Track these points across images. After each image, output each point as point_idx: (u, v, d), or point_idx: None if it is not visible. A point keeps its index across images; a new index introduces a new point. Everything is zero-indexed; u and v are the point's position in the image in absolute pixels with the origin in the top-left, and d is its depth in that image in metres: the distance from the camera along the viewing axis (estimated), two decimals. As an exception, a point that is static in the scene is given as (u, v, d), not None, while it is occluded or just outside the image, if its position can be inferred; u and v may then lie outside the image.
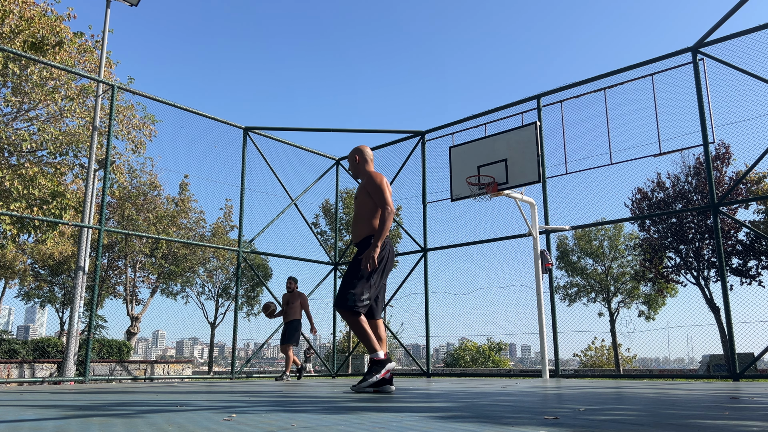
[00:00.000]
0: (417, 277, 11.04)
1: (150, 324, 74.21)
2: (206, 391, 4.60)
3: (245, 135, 11.18)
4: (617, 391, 4.33)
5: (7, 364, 13.43)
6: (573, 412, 2.38)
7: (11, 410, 2.58)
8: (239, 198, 10.86)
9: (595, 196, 9.80)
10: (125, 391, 4.62)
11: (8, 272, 22.12)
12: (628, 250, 23.06)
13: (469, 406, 2.72)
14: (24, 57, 8.59)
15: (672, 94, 8.47)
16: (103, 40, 10.47)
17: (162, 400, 3.26)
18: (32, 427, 1.86)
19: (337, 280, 12.59)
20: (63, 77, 11.65)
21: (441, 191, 10.72)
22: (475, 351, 31.39)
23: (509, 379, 10.62)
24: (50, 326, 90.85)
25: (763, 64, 7.64)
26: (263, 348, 12.36)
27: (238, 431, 1.71)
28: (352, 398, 3.47)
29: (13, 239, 10.89)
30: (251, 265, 14.97)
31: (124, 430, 1.76)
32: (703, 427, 1.77)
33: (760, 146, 7.71)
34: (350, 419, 2.07)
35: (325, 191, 14.35)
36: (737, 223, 16.96)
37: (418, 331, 22.45)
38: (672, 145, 8.34)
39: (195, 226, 23.11)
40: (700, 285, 19.07)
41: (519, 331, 31.71)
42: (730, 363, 7.67)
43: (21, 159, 11.65)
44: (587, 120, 9.19)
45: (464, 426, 1.84)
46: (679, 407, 2.63)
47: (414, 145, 11.52)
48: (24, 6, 11.22)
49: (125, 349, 17.09)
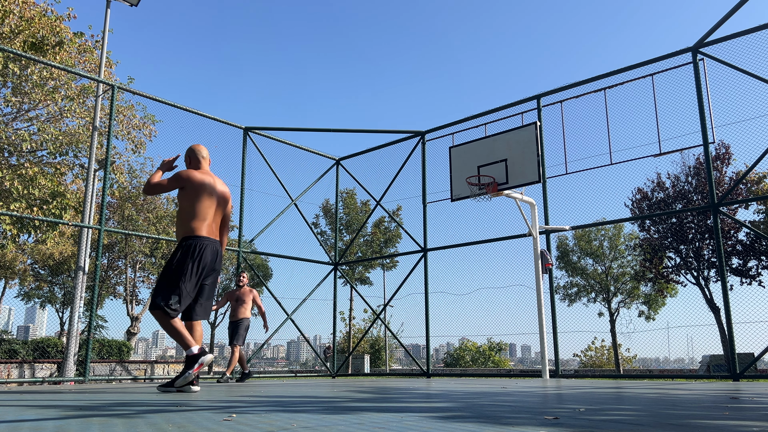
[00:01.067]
0: (417, 277, 11.06)
1: (150, 324, 74.25)
2: (206, 391, 4.60)
3: (245, 135, 11.18)
4: (617, 391, 4.33)
5: (7, 364, 13.43)
6: (573, 412, 2.38)
7: (11, 410, 2.58)
8: (239, 198, 10.86)
9: (595, 196, 9.81)
10: (125, 391, 4.61)
11: (8, 272, 22.13)
12: (628, 250, 23.04)
13: (469, 406, 2.72)
14: (24, 57, 8.60)
15: (672, 94, 8.48)
16: (103, 40, 10.47)
17: (162, 400, 3.26)
18: (32, 427, 1.86)
19: (338, 280, 12.60)
20: (63, 77, 11.65)
21: (441, 191, 10.73)
22: (475, 351, 31.39)
23: (509, 379, 10.62)
24: (50, 326, 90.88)
25: (763, 64, 7.64)
26: (263, 348, 12.36)
27: (238, 431, 1.71)
28: (352, 398, 3.47)
29: (13, 239, 10.89)
30: (251, 265, 14.97)
31: (124, 430, 1.76)
32: (703, 427, 1.77)
33: (760, 146, 7.71)
34: (350, 419, 2.07)
35: (325, 191, 14.37)
36: (737, 223, 16.96)
37: (418, 331, 22.44)
38: (672, 145, 8.34)
39: (195, 226, 23.07)
40: (700, 285, 19.06)
41: (519, 331, 31.69)
42: (730, 363, 7.67)
43: (21, 159, 11.65)
44: (587, 120, 9.20)
45: (464, 426, 1.84)
46: (679, 407, 2.63)
47: (414, 145, 11.52)
48: (24, 6, 11.22)
49: (125, 349, 17.10)
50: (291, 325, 11.49)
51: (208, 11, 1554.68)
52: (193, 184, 4.43)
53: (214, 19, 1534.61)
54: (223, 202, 4.62)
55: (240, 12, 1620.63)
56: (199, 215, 4.40)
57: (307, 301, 11.76)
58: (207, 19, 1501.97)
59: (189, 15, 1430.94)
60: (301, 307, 11.62)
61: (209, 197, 4.47)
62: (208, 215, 4.44)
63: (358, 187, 12.97)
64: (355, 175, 12.56)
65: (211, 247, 4.42)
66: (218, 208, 4.56)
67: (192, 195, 4.42)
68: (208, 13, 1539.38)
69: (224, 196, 4.64)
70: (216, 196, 4.53)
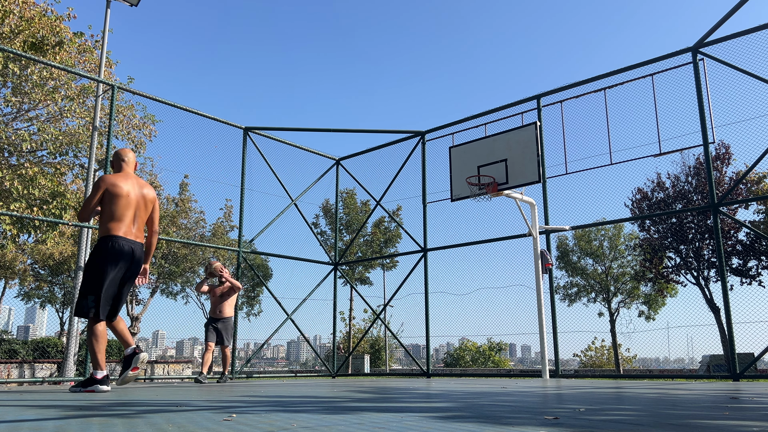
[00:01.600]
0: (417, 277, 11.05)
1: (150, 324, 74.06)
2: (206, 391, 4.60)
3: (245, 135, 11.18)
4: (617, 391, 4.33)
5: (7, 364, 13.43)
6: (573, 412, 2.38)
7: (11, 410, 2.58)
8: (239, 198, 10.86)
9: (595, 196, 9.79)
10: (125, 391, 4.62)
11: (8, 272, 22.11)
12: (628, 250, 23.04)
13: (469, 406, 2.72)
14: (24, 57, 8.60)
15: (672, 94, 8.48)
16: (103, 40, 10.46)
17: (162, 400, 3.26)
18: (32, 427, 1.86)
19: (338, 280, 12.60)
20: (63, 77, 11.64)
21: (441, 191, 10.72)
22: (475, 351, 31.38)
23: (509, 379, 10.62)
24: (50, 326, 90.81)
25: (763, 64, 7.64)
26: (263, 348, 12.36)
27: (238, 431, 1.71)
28: (352, 398, 3.47)
29: (13, 239, 10.89)
30: (251, 265, 14.97)
31: (124, 430, 1.76)
32: (703, 427, 1.77)
33: (760, 146, 7.71)
34: (350, 419, 2.07)
35: (325, 191, 14.37)
36: (737, 223, 16.96)
37: (418, 331, 22.42)
38: (672, 145, 8.34)
39: (195, 226, 23.08)
40: (700, 285, 19.05)
41: (519, 331, 31.67)
42: (730, 363, 7.67)
43: (21, 159, 11.64)
44: (587, 120, 9.20)
45: (464, 426, 1.84)
46: (679, 407, 2.63)
47: (414, 146, 11.52)
48: (24, 6, 11.22)
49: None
50: (291, 325, 11.47)
51: (208, 11, 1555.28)
52: (111, 188, 4.57)
53: (214, 19, 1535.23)
54: (145, 204, 4.74)
55: (240, 12, 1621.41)
56: (115, 216, 4.53)
57: (307, 301, 11.75)
58: (207, 19, 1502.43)
59: (189, 15, 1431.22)
60: (301, 307, 11.61)
61: (126, 199, 4.59)
62: (126, 216, 4.57)
63: (358, 187, 12.98)
64: (355, 175, 12.57)
65: (128, 247, 4.54)
66: (139, 210, 4.68)
67: (109, 198, 4.56)
68: (208, 13, 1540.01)
69: (146, 198, 4.76)
70: (135, 198, 4.66)
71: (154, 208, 4.83)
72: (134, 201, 4.63)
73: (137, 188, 4.71)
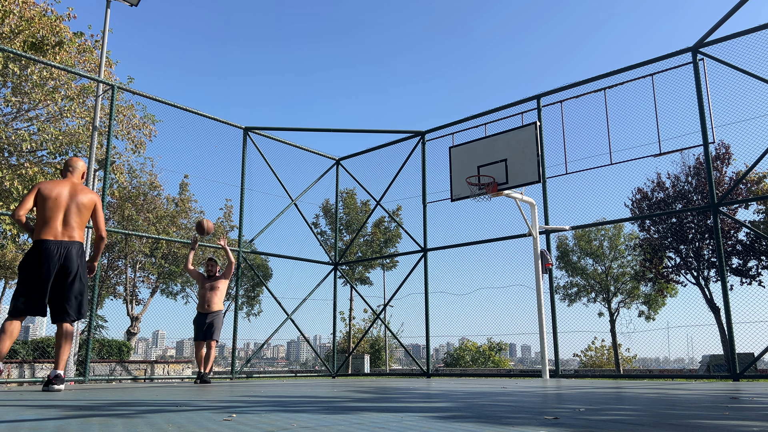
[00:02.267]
0: (417, 277, 11.05)
1: (150, 324, 74.17)
2: (206, 391, 4.60)
3: (245, 135, 11.18)
4: (617, 391, 4.33)
5: (7, 364, 13.43)
6: (573, 412, 2.38)
7: (11, 410, 2.58)
8: (239, 198, 10.86)
9: (595, 196, 9.79)
10: (125, 391, 4.61)
11: (8, 272, 22.11)
12: (628, 250, 23.04)
13: (469, 406, 2.72)
14: (24, 57, 8.60)
15: (672, 94, 8.47)
16: (103, 40, 10.46)
17: (162, 400, 3.26)
18: (32, 427, 1.86)
19: (338, 280, 12.60)
20: (63, 77, 11.64)
21: (441, 191, 10.72)
22: (475, 351, 31.38)
23: (509, 379, 10.62)
24: (50, 326, 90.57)
25: (763, 64, 7.64)
26: (263, 348, 12.37)
27: (238, 431, 1.71)
28: (352, 398, 3.47)
29: (13, 239, 10.89)
30: (251, 265, 14.98)
31: (124, 430, 1.76)
32: (703, 427, 1.77)
33: (760, 146, 7.71)
34: (350, 419, 2.07)
35: (325, 191, 14.37)
36: (737, 223, 16.96)
37: (418, 331, 22.43)
38: (672, 145, 8.34)
39: (195, 226, 23.09)
40: (700, 285, 19.05)
41: (519, 331, 31.69)
42: (730, 363, 7.67)
43: (21, 159, 11.65)
44: (587, 120, 9.19)
45: (464, 426, 1.84)
46: (679, 407, 2.63)
47: (414, 146, 11.52)
48: (24, 6, 11.22)
49: (125, 349, 17.07)
50: (291, 325, 11.47)
51: (208, 11, 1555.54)
52: (41, 191, 4.80)
53: (214, 19, 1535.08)
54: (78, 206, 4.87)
55: (240, 12, 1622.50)
56: (43, 219, 4.73)
57: (307, 301, 11.75)
58: (207, 19, 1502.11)
59: (189, 15, 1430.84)
60: (301, 307, 11.61)
61: (54, 201, 4.76)
62: (53, 218, 4.72)
63: (358, 187, 12.98)
64: (355, 175, 12.57)
65: (55, 247, 4.66)
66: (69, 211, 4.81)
67: (40, 201, 4.78)
68: (208, 13, 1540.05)
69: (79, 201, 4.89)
70: (65, 200, 4.81)
71: (95, 212, 4.99)
72: (64, 203, 4.80)
73: (68, 191, 4.87)
